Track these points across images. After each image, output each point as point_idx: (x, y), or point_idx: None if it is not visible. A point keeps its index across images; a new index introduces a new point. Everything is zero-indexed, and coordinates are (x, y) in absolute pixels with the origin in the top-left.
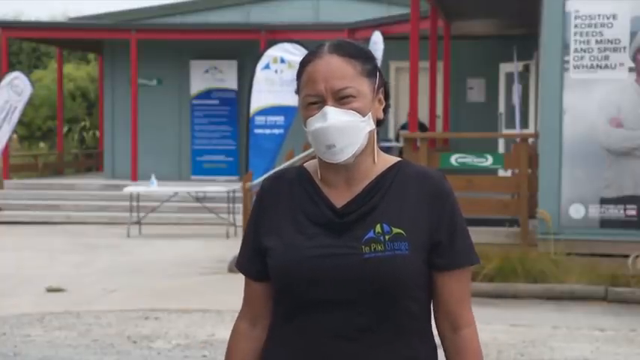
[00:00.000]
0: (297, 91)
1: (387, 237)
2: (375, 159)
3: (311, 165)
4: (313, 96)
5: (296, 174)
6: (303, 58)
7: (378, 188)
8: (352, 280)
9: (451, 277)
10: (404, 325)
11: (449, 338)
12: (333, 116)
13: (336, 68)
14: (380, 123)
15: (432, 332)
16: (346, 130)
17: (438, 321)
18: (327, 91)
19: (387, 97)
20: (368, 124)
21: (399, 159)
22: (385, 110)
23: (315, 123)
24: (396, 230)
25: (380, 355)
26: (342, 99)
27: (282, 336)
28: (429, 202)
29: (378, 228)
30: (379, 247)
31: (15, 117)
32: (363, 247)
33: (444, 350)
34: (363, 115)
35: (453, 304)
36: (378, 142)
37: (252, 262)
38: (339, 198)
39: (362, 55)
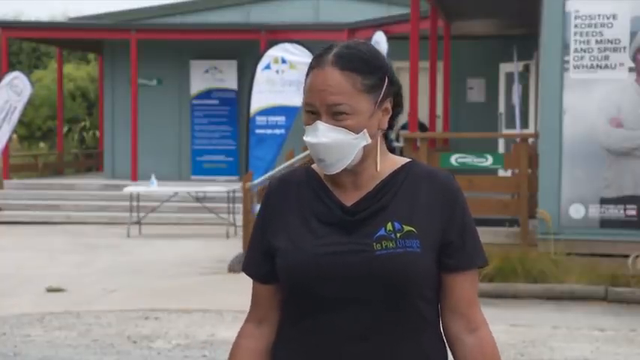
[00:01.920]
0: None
1: (398, 234)
2: (378, 167)
3: (318, 166)
4: (309, 105)
5: (304, 175)
6: (312, 60)
7: (388, 188)
8: (363, 278)
9: (462, 277)
10: (414, 324)
11: (464, 340)
12: (323, 133)
13: (333, 83)
14: (390, 126)
15: (440, 331)
16: (335, 147)
17: (450, 322)
18: (320, 104)
19: (399, 102)
20: (362, 140)
21: (409, 159)
22: (395, 116)
23: (308, 136)
24: (407, 228)
25: (390, 353)
26: (335, 114)
27: (292, 335)
28: (439, 202)
29: (389, 226)
30: (390, 245)
31: (15, 117)
32: (374, 244)
33: (458, 352)
34: (356, 132)
35: (466, 305)
36: (388, 144)
37: (260, 264)
38: (348, 198)
39: (366, 69)
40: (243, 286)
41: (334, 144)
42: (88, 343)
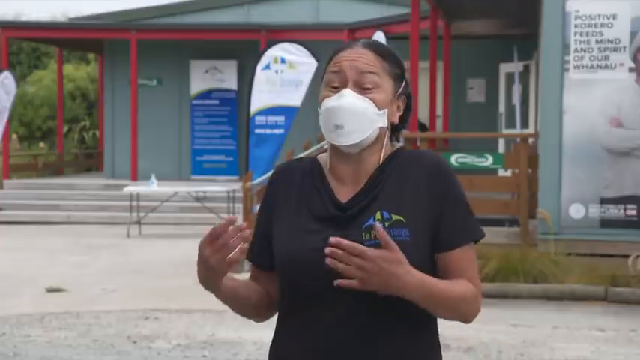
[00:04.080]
0: (323, 76)
1: (387, 224)
2: (382, 159)
3: (323, 158)
4: (336, 73)
5: (309, 166)
6: (336, 49)
7: (379, 180)
8: None
9: (456, 254)
10: (406, 315)
11: None
12: (349, 98)
13: (364, 57)
14: (395, 130)
15: (435, 324)
16: (358, 114)
17: None
18: (350, 71)
19: (408, 108)
20: (381, 119)
21: (398, 147)
22: (402, 120)
23: (330, 102)
24: (395, 217)
25: (383, 344)
26: (363, 88)
27: (287, 329)
28: (426, 183)
29: (378, 215)
30: None
31: (5, 116)
32: (363, 234)
33: None
34: (379, 107)
35: (457, 274)
36: (388, 145)
37: (259, 252)
38: (346, 193)
39: (392, 59)
40: None
41: (358, 110)
42: (88, 343)
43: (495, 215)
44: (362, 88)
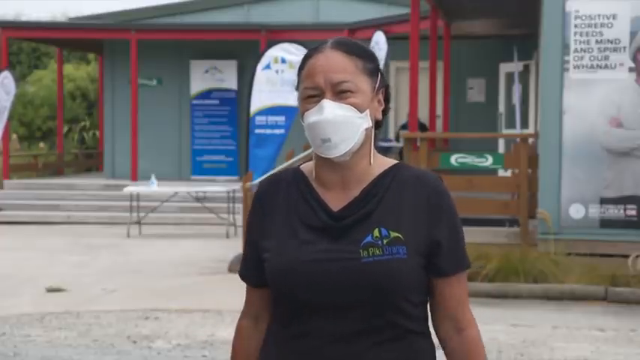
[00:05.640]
0: (297, 86)
1: (385, 241)
2: (371, 161)
3: (307, 167)
4: (312, 89)
5: (292, 176)
6: (306, 54)
7: (375, 192)
8: (350, 284)
9: (451, 280)
10: (401, 328)
11: (454, 339)
12: (330, 110)
13: (336, 62)
14: (379, 125)
15: (429, 334)
16: (342, 124)
17: (439, 324)
18: (325, 83)
19: (387, 99)
20: (365, 121)
21: (396, 162)
22: (385, 113)
23: (312, 116)
24: (394, 234)
25: (378, 357)
26: (340, 93)
27: (280, 340)
28: (426, 206)
29: (376, 232)
30: (377, 252)
31: (4, 116)
32: (361, 251)
33: (448, 353)
34: (361, 111)
35: (454, 307)
36: (376, 143)
37: (251, 268)
38: (335, 201)
39: (364, 54)
40: (243, 286)
41: (341, 120)
42: (88, 343)
43: (495, 215)
44: (340, 94)
